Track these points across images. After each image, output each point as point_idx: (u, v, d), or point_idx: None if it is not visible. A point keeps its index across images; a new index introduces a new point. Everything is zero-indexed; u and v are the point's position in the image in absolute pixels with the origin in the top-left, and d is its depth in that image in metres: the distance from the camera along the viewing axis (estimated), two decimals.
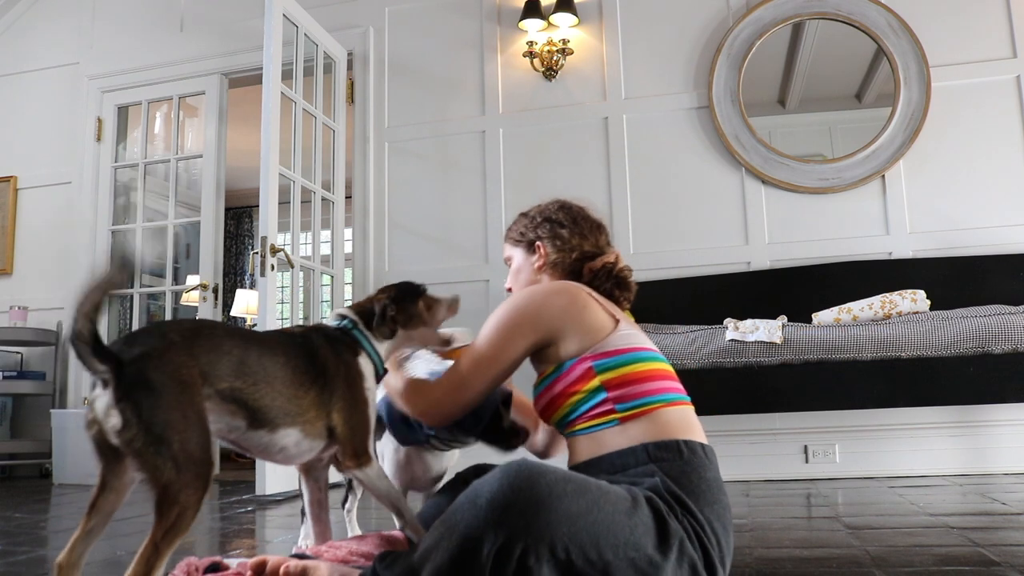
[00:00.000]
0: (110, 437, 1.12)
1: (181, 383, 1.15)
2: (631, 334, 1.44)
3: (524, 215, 1.71)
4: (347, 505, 2.04)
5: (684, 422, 1.38)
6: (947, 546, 1.89)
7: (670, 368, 1.46)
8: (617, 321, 1.44)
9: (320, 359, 1.40)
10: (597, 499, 1.16)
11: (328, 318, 1.58)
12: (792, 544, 1.99)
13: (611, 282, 1.59)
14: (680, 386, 1.44)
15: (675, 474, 1.29)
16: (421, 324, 1.57)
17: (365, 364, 1.47)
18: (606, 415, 1.37)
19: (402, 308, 1.55)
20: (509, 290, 1.70)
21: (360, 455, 1.41)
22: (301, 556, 1.46)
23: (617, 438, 1.36)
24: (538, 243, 1.64)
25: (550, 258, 1.62)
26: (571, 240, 1.63)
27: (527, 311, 1.45)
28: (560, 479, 1.15)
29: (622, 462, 1.34)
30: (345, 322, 1.52)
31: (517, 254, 1.69)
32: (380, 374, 1.52)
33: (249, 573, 1.43)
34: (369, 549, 1.51)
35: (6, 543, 2.26)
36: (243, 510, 2.95)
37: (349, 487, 2.06)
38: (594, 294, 1.50)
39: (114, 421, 1.11)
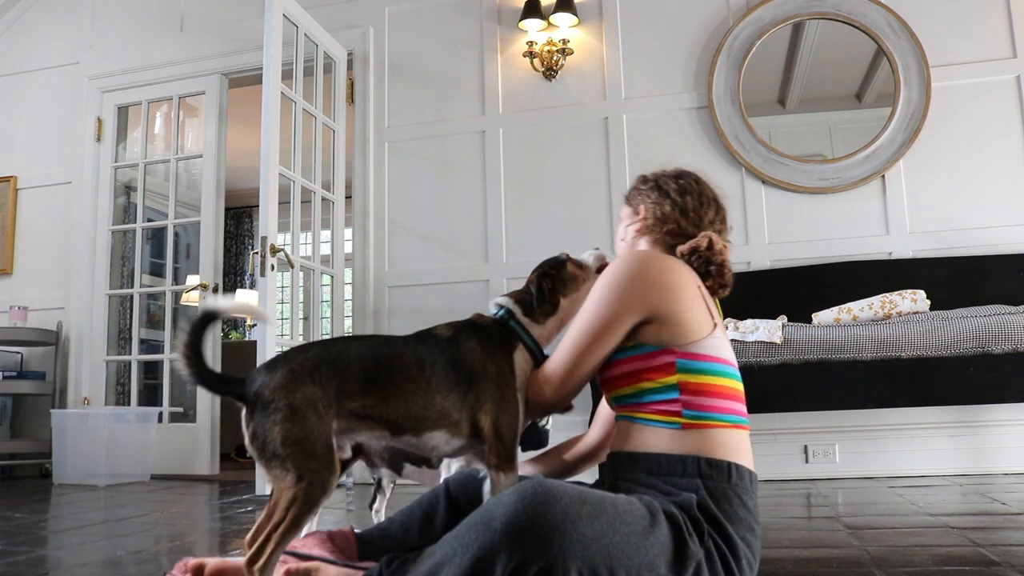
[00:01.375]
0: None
1: (297, 408, 1.28)
2: (722, 344, 1.40)
3: (644, 176, 1.65)
4: (375, 505, 2.03)
5: (741, 446, 1.35)
6: (947, 546, 1.90)
7: (742, 388, 1.42)
8: (715, 325, 1.39)
9: (467, 362, 1.40)
10: (613, 521, 1.16)
11: (490, 307, 1.56)
12: (792, 544, 1.99)
13: (703, 269, 1.48)
14: (745, 409, 1.41)
15: (718, 495, 1.29)
16: (581, 284, 1.55)
17: (520, 360, 1.45)
18: (671, 416, 1.33)
19: (557, 278, 1.54)
20: (622, 241, 1.66)
21: (503, 462, 1.39)
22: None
23: (673, 442, 1.33)
24: (640, 206, 1.58)
25: (647, 223, 1.56)
26: (671, 213, 1.54)
27: (637, 278, 1.37)
28: (575, 501, 1.14)
29: (669, 467, 1.32)
30: (502, 312, 1.51)
31: (625, 212, 1.64)
32: (539, 361, 1.49)
33: (189, 574, 1.43)
34: (308, 551, 1.47)
35: (6, 543, 2.26)
36: (243, 510, 2.95)
37: (377, 487, 2.04)
38: (702, 287, 1.43)
39: (247, 434, 1.29)
